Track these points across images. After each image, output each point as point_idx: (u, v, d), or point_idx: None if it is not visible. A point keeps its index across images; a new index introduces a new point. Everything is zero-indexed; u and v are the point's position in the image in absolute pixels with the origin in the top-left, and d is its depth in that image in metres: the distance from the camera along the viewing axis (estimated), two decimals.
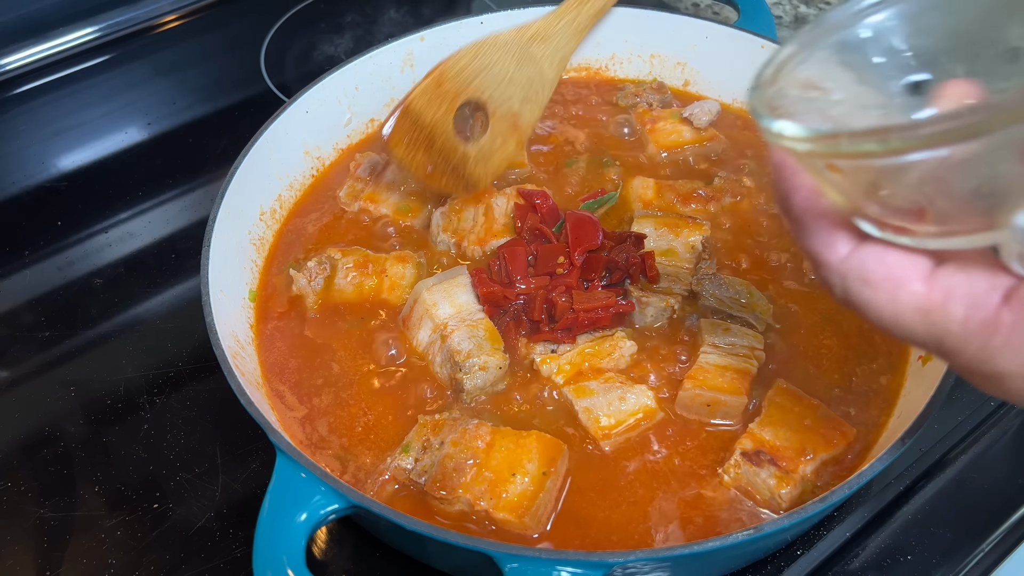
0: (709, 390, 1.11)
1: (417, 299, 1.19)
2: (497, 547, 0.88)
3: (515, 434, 1.06)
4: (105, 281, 1.49)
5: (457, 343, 1.14)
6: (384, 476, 1.07)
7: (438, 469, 1.04)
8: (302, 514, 0.91)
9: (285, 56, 1.89)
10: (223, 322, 1.11)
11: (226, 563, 1.11)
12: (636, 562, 0.88)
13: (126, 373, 1.33)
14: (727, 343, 1.16)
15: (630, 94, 1.57)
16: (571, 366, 1.15)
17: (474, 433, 1.06)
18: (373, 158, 1.42)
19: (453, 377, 1.14)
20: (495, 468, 1.03)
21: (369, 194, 1.38)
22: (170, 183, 1.66)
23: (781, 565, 1.09)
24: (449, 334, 1.15)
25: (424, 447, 1.07)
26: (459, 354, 1.13)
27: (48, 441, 1.25)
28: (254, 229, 1.32)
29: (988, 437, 1.20)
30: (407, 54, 1.53)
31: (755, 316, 1.20)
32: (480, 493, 1.01)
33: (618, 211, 1.38)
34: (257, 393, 1.10)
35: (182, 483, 1.19)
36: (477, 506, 1.01)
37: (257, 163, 1.32)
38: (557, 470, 1.05)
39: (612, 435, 1.09)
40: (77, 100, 1.84)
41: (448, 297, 1.19)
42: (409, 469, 1.06)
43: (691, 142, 1.48)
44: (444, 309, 1.17)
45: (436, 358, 1.17)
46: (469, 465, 1.03)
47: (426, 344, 1.19)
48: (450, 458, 1.04)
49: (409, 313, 1.21)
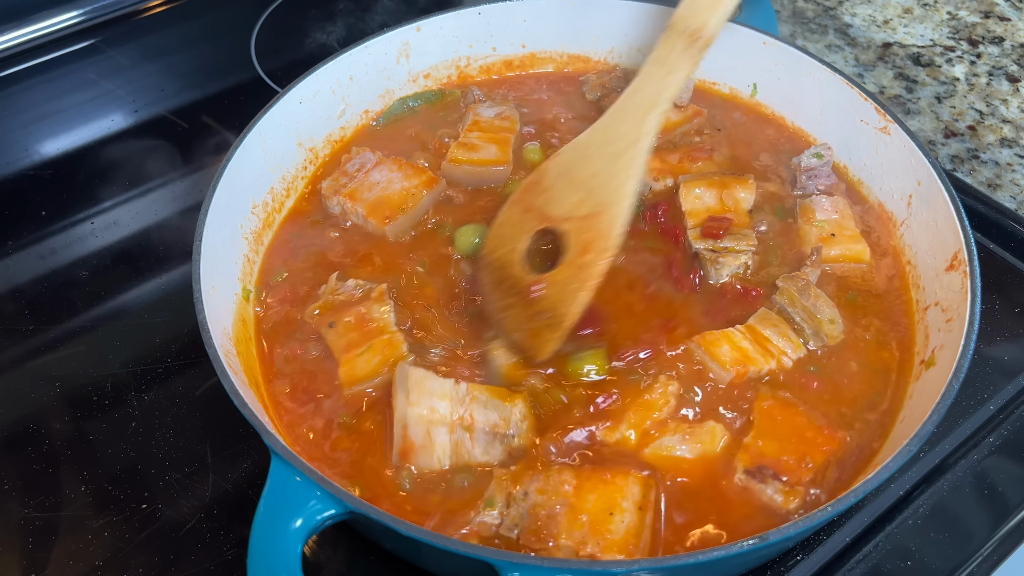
0: (706, 353, 1.13)
1: (407, 424, 1.03)
2: (498, 555, 0.86)
3: (600, 474, 1.01)
4: (90, 272, 1.45)
5: (485, 420, 1.05)
6: (463, 532, 1.00)
7: (529, 520, 0.98)
8: (297, 520, 0.89)
9: (276, 43, 1.85)
10: (215, 320, 1.08)
11: (217, 566, 1.09)
12: (640, 571, 0.87)
13: (113, 368, 1.30)
14: (765, 334, 1.16)
15: (596, 85, 1.54)
16: (634, 431, 1.08)
17: (558, 479, 1.00)
18: (366, 155, 1.39)
19: (512, 450, 1.06)
20: (591, 511, 0.97)
21: (350, 190, 1.35)
22: (157, 172, 1.62)
23: (781, 571, 1.08)
24: (470, 420, 1.04)
25: (508, 500, 1.00)
26: (499, 426, 1.05)
27: (32, 438, 1.22)
28: (246, 223, 1.28)
29: (987, 443, 1.20)
30: (403, 44, 1.49)
31: (815, 333, 1.18)
32: (582, 538, 0.95)
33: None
34: (250, 392, 1.07)
35: (171, 483, 1.17)
36: (582, 551, 0.95)
37: (250, 155, 1.28)
38: (652, 503, 1.00)
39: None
40: (61, 85, 1.79)
41: (429, 396, 1.04)
42: (497, 524, 1.00)
43: (679, 123, 1.47)
44: (441, 407, 1.04)
45: (475, 449, 1.05)
46: (560, 511, 0.97)
47: (451, 449, 1.05)
48: (541, 507, 0.98)
49: (408, 443, 1.04)
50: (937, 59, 1.86)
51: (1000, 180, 1.60)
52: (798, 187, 1.35)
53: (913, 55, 1.88)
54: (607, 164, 1.16)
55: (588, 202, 1.15)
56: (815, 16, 1.99)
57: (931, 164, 1.24)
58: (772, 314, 1.19)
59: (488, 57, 1.58)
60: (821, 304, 1.18)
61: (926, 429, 0.96)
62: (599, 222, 1.13)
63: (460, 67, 1.57)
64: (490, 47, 1.57)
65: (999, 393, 1.23)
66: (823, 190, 1.34)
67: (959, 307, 1.10)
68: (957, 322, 1.09)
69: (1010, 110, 1.74)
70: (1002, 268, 1.40)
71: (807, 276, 1.21)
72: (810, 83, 1.42)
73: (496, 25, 1.55)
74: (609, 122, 1.19)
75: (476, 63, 1.58)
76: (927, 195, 1.24)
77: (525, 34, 1.57)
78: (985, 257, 1.40)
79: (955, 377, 1.00)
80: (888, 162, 1.33)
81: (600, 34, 1.57)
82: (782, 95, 1.47)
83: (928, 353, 1.13)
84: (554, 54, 1.60)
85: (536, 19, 1.56)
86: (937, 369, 1.09)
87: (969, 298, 1.08)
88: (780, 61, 1.45)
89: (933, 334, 1.15)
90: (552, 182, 1.18)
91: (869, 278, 1.26)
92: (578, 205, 1.15)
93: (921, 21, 1.97)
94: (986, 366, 1.26)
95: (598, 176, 1.16)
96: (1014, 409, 1.22)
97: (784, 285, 1.20)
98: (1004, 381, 1.25)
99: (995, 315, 1.33)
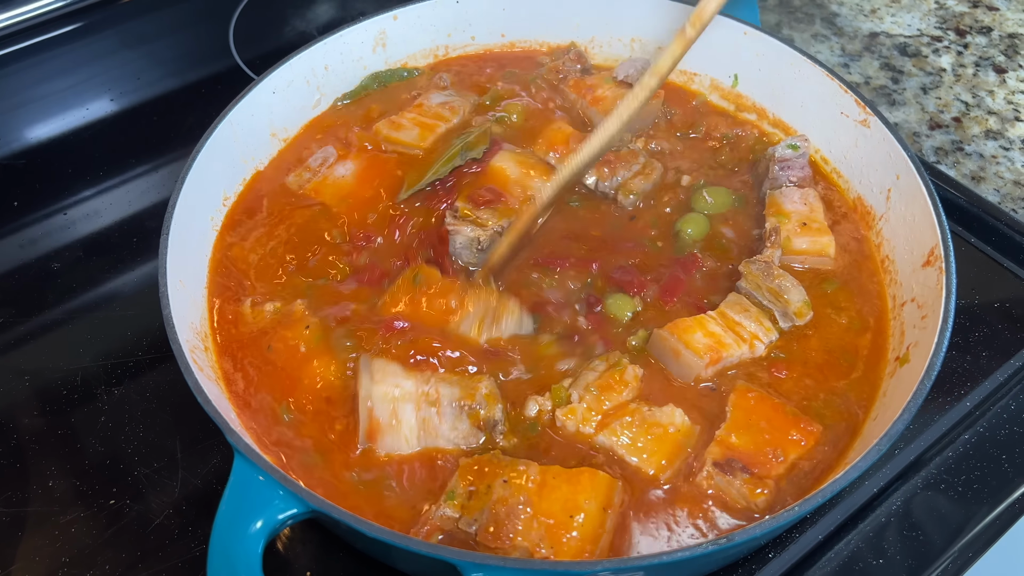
0: (679, 341, 1.12)
1: (372, 404, 1.04)
2: (460, 555, 0.86)
3: (566, 472, 1.00)
4: (63, 264, 1.44)
5: (450, 394, 1.05)
6: (425, 528, 0.98)
7: (489, 516, 0.97)
8: (258, 522, 0.88)
9: (255, 31, 1.83)
10: (181, 314, 1.07)
11: (184, 562, 1.08)
12: (605, 571, 0.86)
13: (83, 362, 1.29)
14: (736, 319, 1.15)
15: (551, 69, 1.52)
16: (596, 412, 1.08)
17: (523, 474, 0.99)
18: (328, 150, 1.38)
19: (479, 422, 1.06)
20: (550, 511, 0.97)
21: (314, 184, 1.34)
22: (134, 161, 1.60)
23: (752, 568, 1.07)
24: (435, 394, 1.05)
25: (470, 493, 0.99)
26: (464, 398, 1.05)
27: (0, 432, 1.21)
28: (216, 215, 1.27)
29: (962, 440, 1.19)
30: (379, 33, 1.47)
31: (784, 312, 1.17)
32: (538, 539, 0.95)
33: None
34: (215, 389, 1.06)
35: (140, 478, 1.16)
36: (537, 553, 0.94)
37: (221, 145, 1.27)
38: (615, 506, 0.99)
39: (667, 468, 1.05)
40: (36, 73, 1.77)
41: (393, 376, 1.05)
42: (456, 518, 0.98)
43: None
44: (406, 384, 1.05)
45: (442, 425, 1.05)
46: (521, 509, 0.96)
47: (418, 426, 1.05)
48: (502, 502, 0.97)
49: (374, 423, 1.04)
50: (924, 49, 1.84)
51: (984, 173, 1.59)
52: (769, 177, 1.34)
53: (900, 45, 1.86)
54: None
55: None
56: (801, 5, 1.96)
57: (910, 158, 1.22)
58: (742, 298, 1.19)
59: (467, 46, 1.56)
60: (785, 283, 1.18)
61: (896, 428, 0.95)
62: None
63: (438, 56, 1.55)
64: (469, 36, 1.55)
65: (976, 389, 1.22)
66: (795, 182, 1.32)
67: (934, 304, 1.09)
68: (932, 319, 1.08)
69: (996, 101, 1.72)
70: (982, 263, 1.39)
71: (769, 258, 1.21)
72: (791, 74, 1.41)
73: (475, 13, 1.53)
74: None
75: (454, 52, 1.56)
76: (905, 189, 1.23)
77: (505, 23, 1.55)
78: (966, 251, 1.39)
79: (927, 376, 0.99)
80: (867, 155, 1.31)
81: (580, 23, 1.55)
82: (763, 86, 1.46)
83: (903, 350, 1.12)
84: (534, 43, 1.58)
85: (515, 7, 1.54)
86: (911, 367, 1.08)
87: (944, 295, 1.07)
88: (761, 52, 1.43)
89: (909, 331, 1.14)
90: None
91: (843, 273, 1.25)
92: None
93: (908, 10, 1.95)
94: (964, 361, 1.25)
95: None
96: (990, 406, 1.21)
97: (746, 270, 1.20)
98: (981, 377, 1.24)
99: (975, 310, 1.32)
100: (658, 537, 0.99)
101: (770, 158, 1.35)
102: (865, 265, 1.27)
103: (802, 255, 1.25)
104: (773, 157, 1.34)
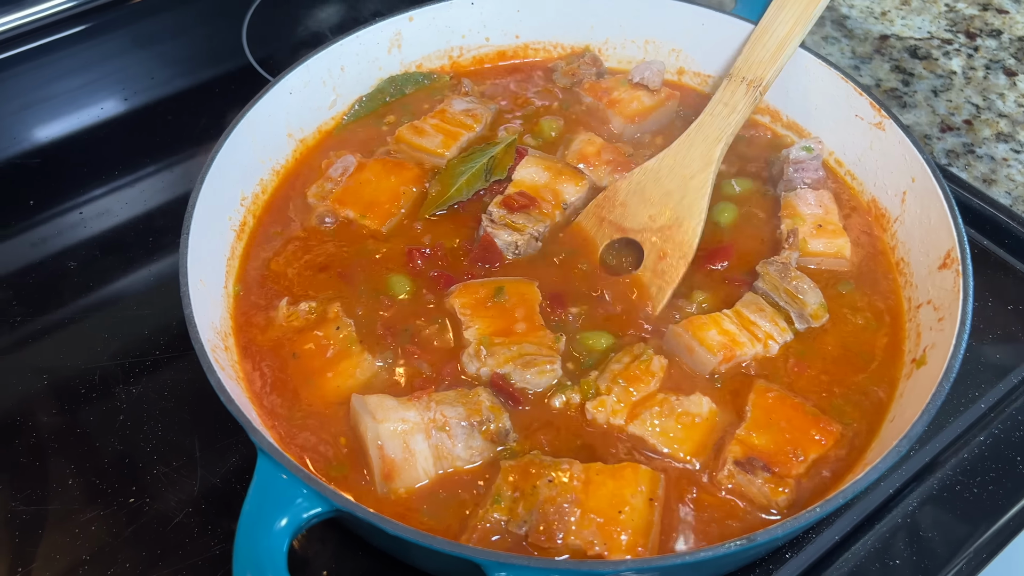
0: (693, 337, 1.14)
1: (381, 443, 1.02)
2: (485, 555, 0.86)
3: (609, 468, 1.01)
4: (79, 262, 1.44)
5: (455, 414, 1.05)
6: (475, 535, 0.98)
7: (538, 517, 0.97)
8: (283, 519, 0.88)
9: (268, 31, 1.83)
10: (202, 314, 1.07)
11: (204, 560, 1.09)
12: (628, 571, 0.86)
13: (101, 360, 1.29)
14: (751, 318, 1.16)
15: (567, 72, 1.53)
16: (624, 403, 1.09)
17: (567, 472, 1.00)
18: (347, 159, 1.38)
19: (492, 436, 1.05)
20: (598, 508, 0.97)
21: (337, 195, 1.34)
22: (147, 160, 1.61)
23: (769, 568, 1.07)
24: (442, 418, 1.05)
25: (515, 496, 1.00)
26: (471, 416, 1.05)
27: (19, 430, 1.21)
28: (235, 215, 1.27)
29: (977, 441, 1.19)
30: (395, 34, 1.48)
31: (800, 314, 1.18)
32: (591, 537, 0.95)
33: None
34: (237, 388, 1.06)
35: (159, 477, 1.16)
36: (591, 551, 0.95)
37: (239, 146, 1.27)
38: (660, 498, 1.00)
39: (700, 455, 1.07)
40: (50, 72, 1.77)
41: (394, 411, 1.04)
42: (505, 521, 0.98)
43: (653, 107, 1.47)
44: (410, 415, 1.04)
45: (456, 446, 1.04)
46: (569, 508, 0.97)
47: (432, 455, 1.04)
48: (549, 502, 0.97)
49: (388, 463, 1.02)
50: (934, 52, 1.85)
51: (995, 175, 1.60)
52: (784, 179, 1.34)
53: (910, 48, 1.86)
54: (679, 185, 1.30)
55: (663, 216, 1.29)
56: None
57: (926, 161, 1.23)
58: (758, 298, 1.20)
59: (482, 47, 1.57)
60: (803, 285, 1.18)
61: (916, 429, 0.95)
62: (676, 233, 1.27)
63: (453, 57, 1.56)
64: (483, 37, 1.56)
65: (990, 392, 1.23)
66: (809, 184, 1.33)
67: (951, 306, 1.10)
68: (949, 321, 1.09)
69: (1007, 104, 1.73)
70: (995, 265, 1.39)
71: (786, 259, 1.22)
72: (805, 77, 1.41)
73: (490, 14, 1.53)
74: (678, 151, 1.34)
75: (469, 53, 1.57)
76: (921, 192, 1.23)
77: (519, 24, 1.56)
78: (979, 254, 1.40)
79: (946, 377, 1.00)
80: (882, 158, 1.32)
81: (595, 24, 1.56)
82: (776, 88, 1.46)
83: (919, 352, 1.13)
84: (548, 44, 1.59)
85: (530, 9, 1.54)
86: (928, 368, 1.08)
87: (961, 297, 1.08)
88: None
89: (925, 333, 1.15)
90: (625, 199, 1.32)
91: (858, 274, 1.26)
92: (653, 219, 1.29)
93: (919, 13, 1.95)
94: (977, 364, 1.26)
95: (672, 195, 1.30)
96: (1005, 408, 1.22)
97: (764, 271, 1.21)
98: (995, 379, 1.24)
99: (988, 312, 1.32)
100: (684, 535, 1.00)
101: (784, 160, 1.36)
102: (880, 267, 1.27)
103: (818, 256, 1.26)
104: (787, 159, 1.35)
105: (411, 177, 1.36)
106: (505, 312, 1.18)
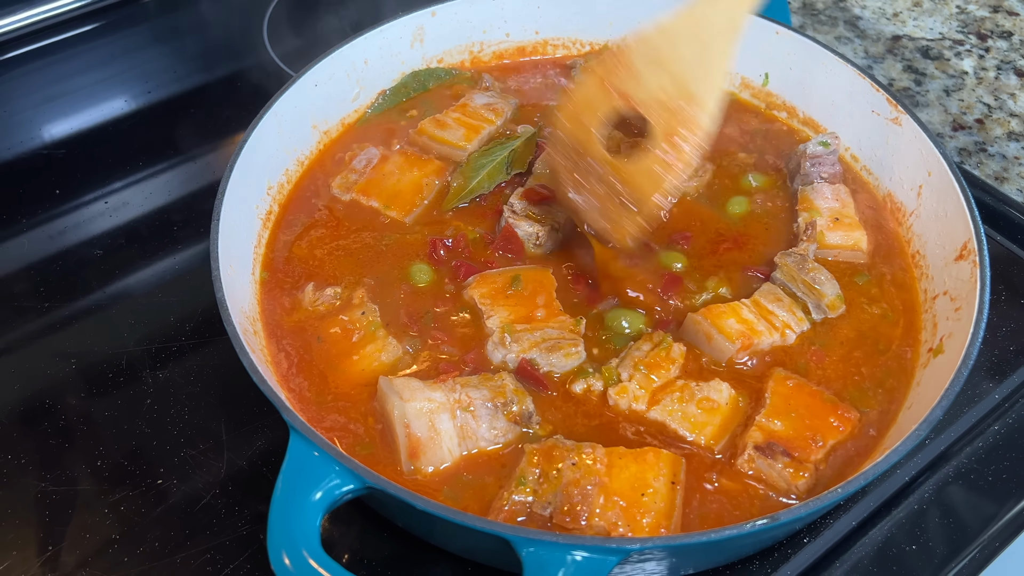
0: (712, 325, 1.16)
1: (408, 421, 1.04)
2: (514, 531, 0.88)
3: (631, 452, 1.03)
4: (104, 250, 1.46)
5: (479, 396, 1.07)
6: (501, 515, 1.00)
7: (563, 498, 0.99)
8: (316, 493, 0.90)
9: (288, 25, 1.85)
10: (232, 298, 1.09)
11: (232, 540, 1.10)
12: (653, 548, 0.88)
13: (127, 345, 1.31)
14: (769, 308, 1.18)
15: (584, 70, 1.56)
16: (644, 390, 1.12)
17: (590, 455, 1.02)
18: (370, 151, 1.41)
19: (515, 417, 1.08)
20: (621, 491, 0.99)
21: (361, 186, 1.37)
22: (170, 152, 1.63)
23: (788, 552, 1.09)
24: (467, 399, 1.06)
25: (540, 478, 1.02)
26: (495, 397, 1.08)
27: (49, 413, 1.23)
28: (261, 204, 1.30)
29: (992, 431, 1.21)
30: (417, 28, 1.50)
31: (817, 304, 1.21)
32: (615, 519, 0.97)
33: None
34: (268, 370, 1.08)
35: (186, 459, 1.18)
36: (615, 532, 0.97)
37: (266, 136, 1.29)
38: (681, 481, 1.02)
39: (719, 440, 1.09)
40: (72, 66, 1.80)
41: (421, 391, 1.06)
42: (530, 502, 1.00)
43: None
44: (436, 395, 1.06)
45: (480, 427, 1.06)
46: (592, 491, 0.99)
47: (457, 434, 1.06)
48: (573, 484, 0.99)
49: (414, 441, 1.04)
50: (946, 52, 1.87)
51: (1007, 173, 1.62)
52: (801, 174, 1.36)
53: (922, 48, 1.88)
54: (697, 50, 1.09)
55: (674, 87, 1.09)
56: (825, 8, 1.99)
57: (942, 155, 1.25)
58: (776, 289, 1.22)
59: (502, 43, 1.59)
60: (820, 276, 1.21)
61: (935, 414, 0.97)
62: (687, 109, 1.09)
63: (473, 52, 1.58)
64: (504, 33, 1.58)
65: (1004, 382, 1.25)
66: (826, 178, 1.35)
67: (968, 296, 1.12)
68: (966, 311, 1.10)
69: (1018, 104, 1.75)
70: (1008, 259, 1.41)
71: (804, 251, 1.24)
72: (822, 73, 1.43)
73: (510, 10, 1.56)
74: (699, 10, 1.11)
75: (489, 49, 1.59)
76: (938, 186, 1.25)
77: (539, 20, 1.58)
78: (992, 248, 1.40)
79: (964, 364, 1.02)
80: (898, 153, 1.34)
81: (614, 21, 1.58)
82: (794, 85, 1.48)
83: (936, 341, 1.15)
84: (567, 40, 1.61)
85: (551, 5, 1.57)
86: (945, 357, 1.10)
87: (979, 287, 1.10)
88: (792, 51, 1.46)
89: (941, 323, 1.17)
90: (633, 61, 1.11)
91: (874, 266, 1.28)
92: (663, 89, 1.09)
93: (930, 14, 1.97)
94: (991, 355, 1.28)
95: (686, 61, 1.09)
96: (1019, 398, 1.24)
97: (782, 262, 1.23)
98: (1009, 371, 1.26)
99: (1001, 305, 1.34)
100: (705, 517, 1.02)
101: (801, 155, 1.38)
102: (896, 259, 1.29)
103: (835, 249, 1.28)
104: (804, 154, 1.37)
105: (433, 170, 1.39)
106: (524, 299, 1.20)
